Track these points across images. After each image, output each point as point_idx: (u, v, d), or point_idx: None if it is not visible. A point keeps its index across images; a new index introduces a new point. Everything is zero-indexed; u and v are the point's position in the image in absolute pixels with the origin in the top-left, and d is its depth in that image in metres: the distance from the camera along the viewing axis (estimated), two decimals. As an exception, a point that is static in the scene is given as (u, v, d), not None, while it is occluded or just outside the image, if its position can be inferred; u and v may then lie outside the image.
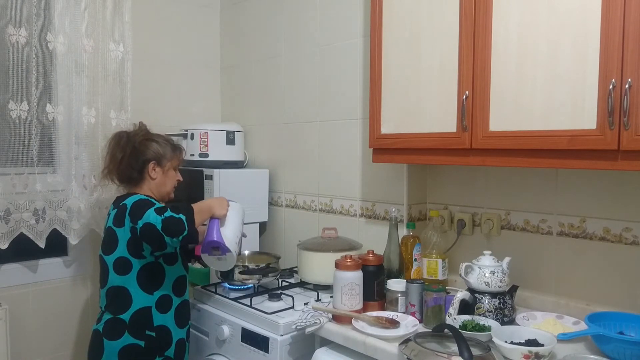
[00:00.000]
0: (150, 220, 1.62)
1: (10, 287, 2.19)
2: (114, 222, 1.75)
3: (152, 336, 1.74)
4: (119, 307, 1.73)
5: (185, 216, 1.63)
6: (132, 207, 1.70)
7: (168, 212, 1.63)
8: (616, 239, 1.58)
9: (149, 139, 1.88)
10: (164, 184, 1.89)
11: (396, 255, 1.82)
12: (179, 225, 1.62)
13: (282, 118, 2.54)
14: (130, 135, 1.87)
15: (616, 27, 1.24)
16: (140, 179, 1.85)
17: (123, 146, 1.84)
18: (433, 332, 1.39)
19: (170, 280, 1.80)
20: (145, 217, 1.64)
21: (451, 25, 1.57)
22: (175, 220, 1.62)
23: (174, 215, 1.62)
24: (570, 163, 1.36)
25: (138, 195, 1.77)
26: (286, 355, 1.71)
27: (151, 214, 1.63)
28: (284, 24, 2.51)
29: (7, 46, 2.04)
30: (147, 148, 1.85)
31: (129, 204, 1.72)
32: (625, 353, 1.26)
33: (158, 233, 1.61)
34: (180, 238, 1.63)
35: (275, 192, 2.59)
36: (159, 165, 1.87)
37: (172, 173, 1.92)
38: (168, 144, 1.91)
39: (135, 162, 1.83)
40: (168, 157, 1.88)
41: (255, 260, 2.12)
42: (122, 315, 1.72)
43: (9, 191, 2.07)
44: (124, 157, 1.82)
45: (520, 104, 1.43)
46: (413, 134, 1.70)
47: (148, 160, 1.84)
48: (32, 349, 2.25)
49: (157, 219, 1.61)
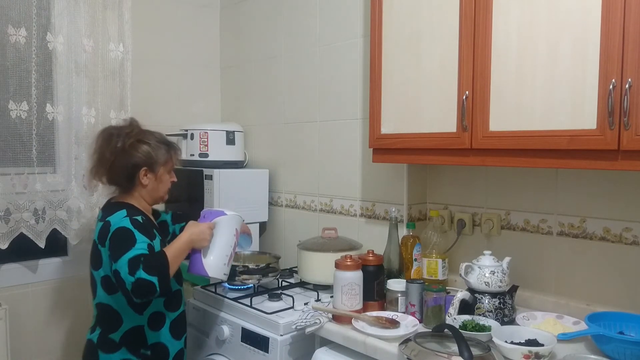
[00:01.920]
0: (120, 274, 1.49)
1: (10, 287, 2.19)
2: (99, 238, 1.65)
3: (148, 354, 1.68)
4: (110, 326, 1.66)
5: (158, 277, 1.49)
6: (113, 236, 1.58)
7: (140, 272, 1.47)
8: (616, 239, 1.58)
9: (141, 140, 1.71)
10: (157, 190, 1.76)
11: (396, 255, 1.82)
12: (150, 288, 1.48)
13: (282, 118, 2.54)
14: (120, 134, 1.70)
15: (616, 27, 1.24)
16: (130, 187, 1.72)
17: (113, 148, 1.68)
18: (433, 332, 1.39)
19: (162, 298, 1.71)
20: (118, 262, 1.50)
21: (451, 25, 1.57)
22: (146, 283, 1.47)
23: (145, 277, 1.47)
24: (570, 163, 1.36)
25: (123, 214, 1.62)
26: (286, 355, 1.71)
27: (123, 267, 1.48)
28: (284, 24, 2.51)
29: (7, 46, 2.04)
30: (138, 152, 1.69)
31: (112, 227, 1.59)
32: (625, 353, 1.26)
33: (126, 291, 1.49)
34: (151, 298, 1.55)
35: (275, 192, 2.58)
36: (151, 171, 1.72)
37: (166, 177, 1.78)
38: (162, 145, 1.75)
39: (124, 169, 1.68)
40: (161, 161, 1.74)
41: (255, 260, 2.12)
42: (112, 335, 1.65)
43: (9, 191, 2.07)
44: (113, 159, 1.67)
45: (520, 104, 1.43)
46: (413, 134, 1.70)
47: (138, 165, 1.69)
48: (31, 348, 2.25)
49: (127, 278, 1.47)
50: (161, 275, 1.50)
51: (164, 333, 1.72)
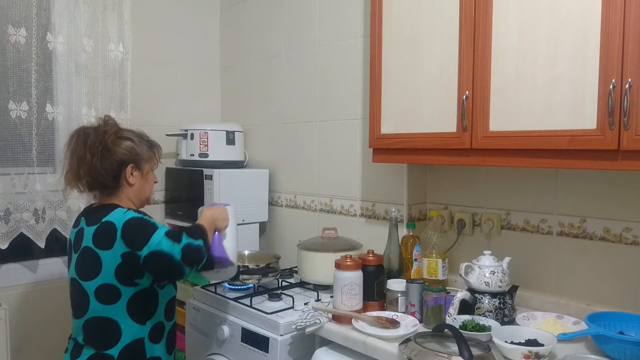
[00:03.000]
0: (163, 249, 1.40)
1: (10, 287, 2.19)
2: (95, 242, 1.47)
3: None
4: (105, 342, 1.49)
5: (203, 241, 1.46)
6: (126, 229, 1.45)
7: (185, 238, 1.43)
8: (616, 239, 1.58)
9: (122, 136, 1.58)
10: (143, 190, 1.64)
11: (396, 255, 1.82)
12: (199, 253, 1.44)
13: (282, 118, 2.54)
14: (98, 133, 1.56)
15: (616, 27, 1.24)
16: (116, 187, 1.57)
17: (91, 146, 1.53)
18: (433, 332, 1.39)
19: (163, 305, 1.60)
20: (152, 243, 1.41)
21: (451, 25, 1.57)
22: (195, 248, 1.43)
23: (192, 242, 1.43)
24: (570, 163, 1.36)
25: (123, 211, 1.51)
26: (286, 355, 1.71)
27: (162, 241, 1.41)
28: (284, 24, 2.51)
29: (7, 46, 2.04)
30: (122, 148, 1.56)
31: (118, 223, 1.46)
32: (625, 353, 1.26)
33: (176, 264, 1.41)
34: (199, 267, 1.47)
35: (275, 192, 2.59)
36: (138, 169, 1.60)
37: (151, 176, 1.68)
38: (143, 142, 1.64)
39: (108, 166, 1.53)
40: (146, 157, 1.63)
41: (255, 260, 2.12)
42: (109, 350, 1.49)
43: (9, 191, 2.08)
44: (95, 159, 1.52)
45: (520, 104, 1.43)
46: (413, 134, 1.70)
47: (125, 163, 1.56)
48: (32, 349, 2.25)
49: (173, 248, 1.40)
50: (205, 240, 1.49)
51: (162, 347, 1.62)
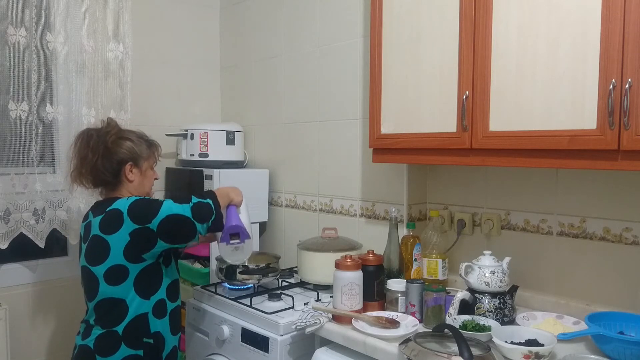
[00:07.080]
0: (174, 212, 1.56)
1: (10, 287, 2.19)
2: (102, 229, 1.60)
3: (150, 343, 1.66)
4: (112, 320, 1.62)
5: (212, 200, 1.62)
6: (132, 209, 1.58)
7: (194, 199, 1.60)
8: (616, 239, 1.58)
9: (122, 137, 1.73)
10: (143, 185, 1.78)
11: (396, 255, 1.82)
12: (208, 208, 1.60)
13: (282, 118, 2.54)
14: (100, 134, 1.72)
15: (616, 26, 1.24)
16: (117, 183, 1.72)
17: (94, 146, 1.69)
18: (433, 332, 1.39)
19: (166, 283, 1.71)
20: (163, 212, 1.56)
21: (451, 25, 1.57)
22: (204, 204, 1.60)
23: (201, 200, 1.60)
24: (570, 163, 1.36)
25: (126, 198, 1.64)
26: (286, 355, 1.71)
27: (172, 206, 1.57)
28: (284, 24, 2.51)
29: (7, 46, 2.04)
30: (121, 147, 1.71)
31: (123, 207, 1.59)
32: (625, 353, 1.26)
33: (188, 221, 1.56)
34: (210, 223, 1.61)
35: (275, 192, 2.59)
36: (136, 166, 1.74)
37: (150, 172, 1.81)
38: (143, 141, 1.78)
39: (109, 164, 1.69)
40: (144, 155, 1.77)
41: (255, 260, 2.11)
42: (115, 327, 1.61)
43: (9, 191, 2.08)
44: (97, 158, 1.68)
45: (520, 104, 1.43)
46: (413, 134, 1.70)
47: (124, 161, 1.71)
48: (32, 349, 2.25)
49: (184, 208, 1.57)
50: (214, 199, 1.63)
51: (165, 324, 1.71)
